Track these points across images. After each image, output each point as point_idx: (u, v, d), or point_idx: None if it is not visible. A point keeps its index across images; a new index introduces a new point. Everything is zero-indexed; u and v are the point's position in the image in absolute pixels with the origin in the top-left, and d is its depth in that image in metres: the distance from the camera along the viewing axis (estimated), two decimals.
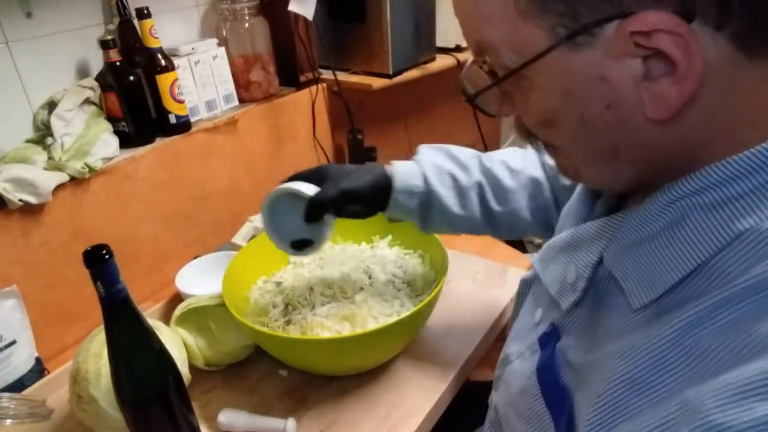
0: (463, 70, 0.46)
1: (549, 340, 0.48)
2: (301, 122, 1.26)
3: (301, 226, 0.68)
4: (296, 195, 0.67)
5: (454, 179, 0.71)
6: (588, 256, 0.44)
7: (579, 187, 0.54)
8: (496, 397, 0.56)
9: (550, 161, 0.47)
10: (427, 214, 0.72)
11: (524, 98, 0.41)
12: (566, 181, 0.70)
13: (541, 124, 0.42)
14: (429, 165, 0.71)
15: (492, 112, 0.46)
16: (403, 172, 0.70)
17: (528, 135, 0.45)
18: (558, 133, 0.41)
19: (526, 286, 0.59)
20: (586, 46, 0.35)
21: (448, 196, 0.71)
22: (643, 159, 0.39)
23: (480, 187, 0.72)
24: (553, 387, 0.44)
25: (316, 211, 0.67)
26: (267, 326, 0.76)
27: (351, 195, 0.68)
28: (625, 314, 0.39)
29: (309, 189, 0.67)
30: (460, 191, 0.71)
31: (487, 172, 0.72)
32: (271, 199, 0.69)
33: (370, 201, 0.70)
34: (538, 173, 0.72)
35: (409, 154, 0.75)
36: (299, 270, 0.86)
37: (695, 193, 0.36)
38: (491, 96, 0.44)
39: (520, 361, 0.52)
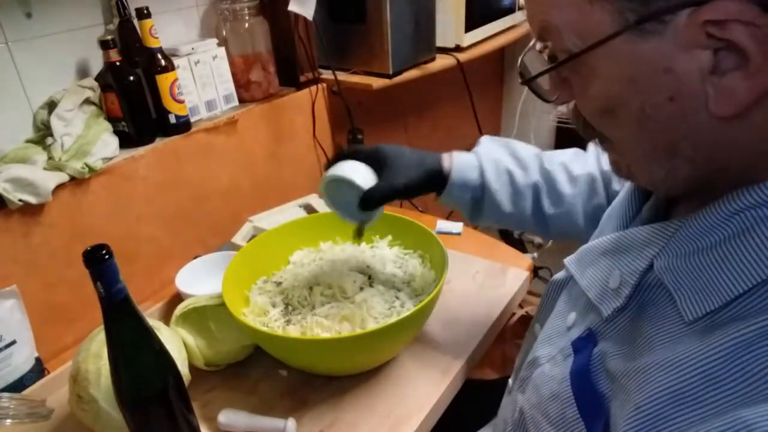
0: (524, 52, 0.44)
1: (584, 345, 0.46)
2: (301, 122, 1.26)
3: (356, 202, 0.70)
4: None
5: (511, 177, 0.71)
6: (636, 263, 0.42)
7: (624, 191, 0.52)
8: (522, 399, 0.54)
9: (606, 162, 0.46)
10: (478, 208, 0.72)
11: (584, 85, 0.40)
12: (617, 186, 0.69)
13: (600, 113, 0.40)
14: (488, 159, 0.71)
15: (549, 98, 0.44)
16: (461, 164, 0.71)
17: (585, 126, 0.43)
18: (616, 125, 0.40)
19: (557, 287, 0.57)
20: (654, 33, 0.33)
21: (502, 194, 0.70)
22: (702, 157, 0.37)
23: (536, 188, 0.71)
24: (590, 394, 0.43)
25: (368, 204, 0.68)
26: (267, 326, 0.76)
27: (402, 192, 0.69)
28: (671, 325, 0.38)
29: (364, 180, 0.68)
30: (516, 190, 0.71)
31: (545, 174, 0.72)
32: (328, 180, 0.71)
33: (422, 192, 0.71)
34: (595, 172, 0.71)
35: None
36: (299, 270, 0.86)
37: (762, 204, 0.34)
38: (549, 81, 0.43)
39: (551, 364, 0.50)
